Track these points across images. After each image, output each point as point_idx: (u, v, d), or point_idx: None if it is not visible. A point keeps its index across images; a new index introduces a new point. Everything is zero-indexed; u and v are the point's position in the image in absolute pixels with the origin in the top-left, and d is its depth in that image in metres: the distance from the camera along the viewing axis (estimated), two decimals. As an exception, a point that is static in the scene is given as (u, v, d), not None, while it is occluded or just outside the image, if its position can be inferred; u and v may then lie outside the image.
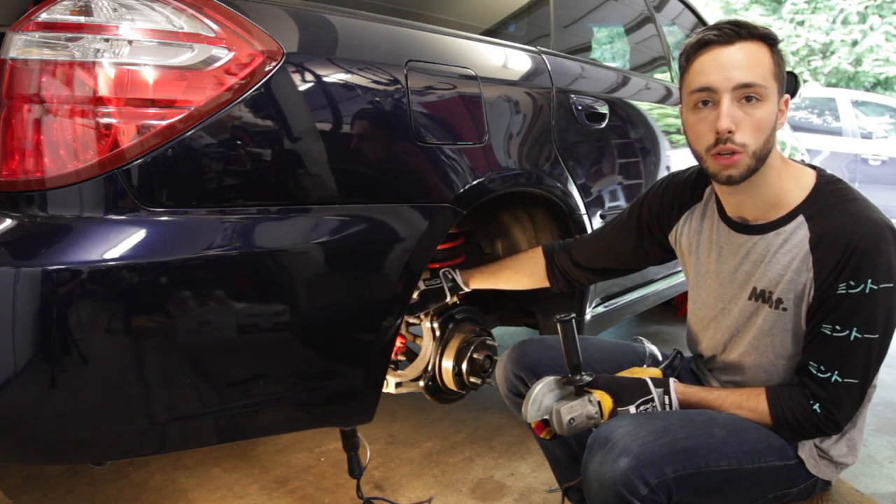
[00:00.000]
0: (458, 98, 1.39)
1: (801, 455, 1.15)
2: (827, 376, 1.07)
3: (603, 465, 1.03)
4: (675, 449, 1.05)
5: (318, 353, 1.20)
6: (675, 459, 1.04)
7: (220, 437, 1.21)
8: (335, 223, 1.17)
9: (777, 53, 1.08)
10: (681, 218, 1.32)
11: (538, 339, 1.48)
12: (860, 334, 1.04)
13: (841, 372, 1.06)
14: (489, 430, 2.17)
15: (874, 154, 6.18)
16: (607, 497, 1.02)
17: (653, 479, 1.01)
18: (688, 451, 1.06)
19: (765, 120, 1.04)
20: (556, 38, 1.88)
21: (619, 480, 1.00)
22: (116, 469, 1.82)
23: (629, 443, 1.03)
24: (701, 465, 1.06)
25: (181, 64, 1.02)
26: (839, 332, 1.05)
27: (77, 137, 0.97)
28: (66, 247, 0.97)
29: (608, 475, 1.02)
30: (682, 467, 1.04)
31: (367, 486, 1.80)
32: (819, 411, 1.08)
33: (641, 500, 1.01)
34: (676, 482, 1.04)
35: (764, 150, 1.06)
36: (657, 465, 1.02)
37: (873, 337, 1.05)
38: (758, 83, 1.03)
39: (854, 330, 1.04)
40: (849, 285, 1.03)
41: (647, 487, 1.01)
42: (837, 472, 1.20)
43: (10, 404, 0.98)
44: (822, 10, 13.04)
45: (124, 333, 1.01)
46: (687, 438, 1.07)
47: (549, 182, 1.63)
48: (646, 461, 1.02)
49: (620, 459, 1.01)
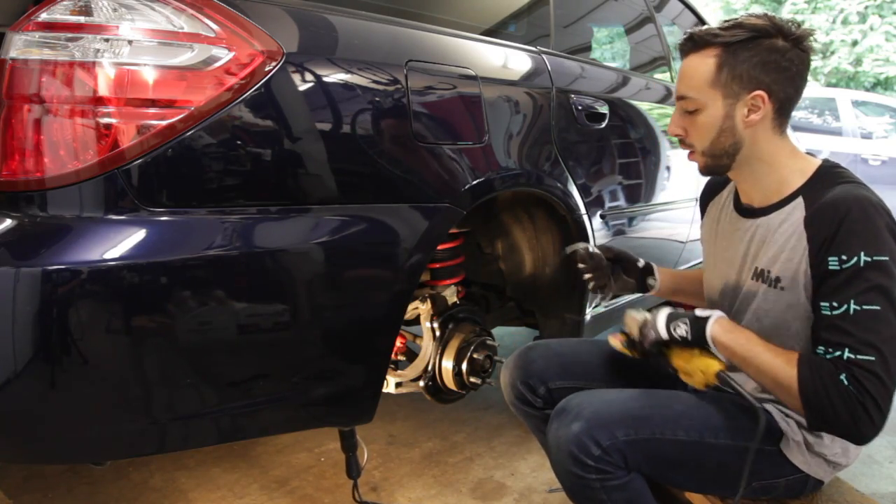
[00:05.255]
0: (458, 98, 1.39)
1: (783, 448, 1.15)
2: (838, 355, 1.00)
3: (559, 430, 1.12)
4: (627, 415, 1.11)
5: (318, 354, 1.21)
6: (627, 424, 1.10)
7: (220, 437, 1.21)
8: (335, 223, 1.17)
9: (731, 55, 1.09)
10: (707, 209, 1.40)
11: (542, 344, 1.47)
12: (858, 306, 1.00)
13: (851, 348, 0.99)
14: (489, 430, 2.17)
15: (874, 154, 6.18)
16: (563, 459, 1.10)
17: (604, 440, 1.08)
18: (641, 418, 1.12)
19: (704, 125, 1.14)
20: (556, 38, 1.88)
21: (571, 441, 1.09)
22: (116, 469, 1.82)
23: (582, 409, 1.12)
24: (655, 432, 1.11)
25: (181, 64, 1.02)
26: (836, 310, 1.02)
27: (77, 137, 0.97)
28: (66, 247, 0.97)
29: (563, 438, 1.10)
30: (633, 432, 1.10)
31: (366, 486, 1.80)
32: (847, 384, 0.98)
33: (595, 459, 1.08)
34: (628, 445, 1.09)
35: (717, 149, 1.15)
36: (608, 429, 1.09)
37: (875, 308, 0.99)
38: (688, 95, 1.14)
39: (851, 303, 1.01)
40: (841, 260, 1.02)
41: (598, 448, 1.08)
42: (831, 471, 1.18)
43: (10, 404, 0.98)
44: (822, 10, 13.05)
45: (124, 333, 1.01)
46: (642, 408, 1.14)
47: (549, 182, 1.63)
48: (596, 424, 1.09)
49: (573, 423, 1.10)
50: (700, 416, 1.15)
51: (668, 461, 1.13)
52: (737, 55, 1.10)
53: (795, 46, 1.10)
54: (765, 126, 1.12)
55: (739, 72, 1.10)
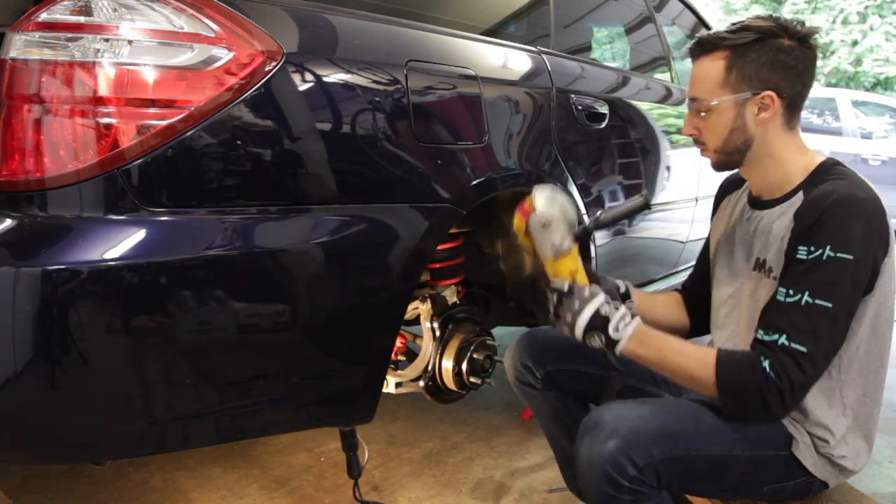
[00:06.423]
0: (458, 98, 1.39)
1: (794, 450, 1.15)
2: (774, 338, 1.05)
3: (592, 447, 1.06)
4: (662, 432, 1.08)
5: (318, 353, 1.20)
6: (663, 442, 1.07)
7: (220, 437, 1.21)
8: (335, 223, 1.17)
9: (739, 56, 1.13)
10: (721, 203, 1.41)
11: (547, 328, 1.50)
12: (811, 299, 1.03)
13: (789, 336, 1.04)
14: (489, 430, 2.17)
15: (874, 154, 6.18)
16: (597, 478, 1.05)
17: (640, 460, 1.04)
18: (676, 434, 1.09)
19: (715, 125, 1.17)
20: (556, 38, 1.88)
21: (607, 461, 1.04)
22: (116, 469, 1.82)
23: (617, 425, 1.07)
24: (689, 448, 1.09)
25: (181, 64, 1.02)
26: (791, 297, 1.05)
27: (77, 137, 0.97)
28: (66, 247, 0.97)
29: (597, 457, 1.05)
30: (669, 450, 1.07)
31: (366, 486, 1.80)
32: (768, 370, 1.03)
33: (630, 480, 1.04)
34: (664, 464, 1.06)
35: (729, 146, 1.18)
36: (644, 447, 1.05)
37: (825, 305, 1.03)
38: (700, 97, 1.18)
39: (805, 294, 1.04)
40: (809, 250, 1.05)
41: (634, 468, 1.04)
42: (837, 474, 1.18)
43: (10, 404, 0.98)
44: (822, 10, 13.04)
45: (124, 333, 1.01)
46: (675, 422, 1.10)
47: (549, 182, 1.63)
48: (633, 442, 1.05)
49: (609, 441, 1.05)
50: (728, 427, 1.12)
51: (697, 475, 1.12)
52: (745, 56, 1.13)
53: (801, 45, 1.13)
54: (775, 123, 1.16)
55: (748, 72, 1.13)
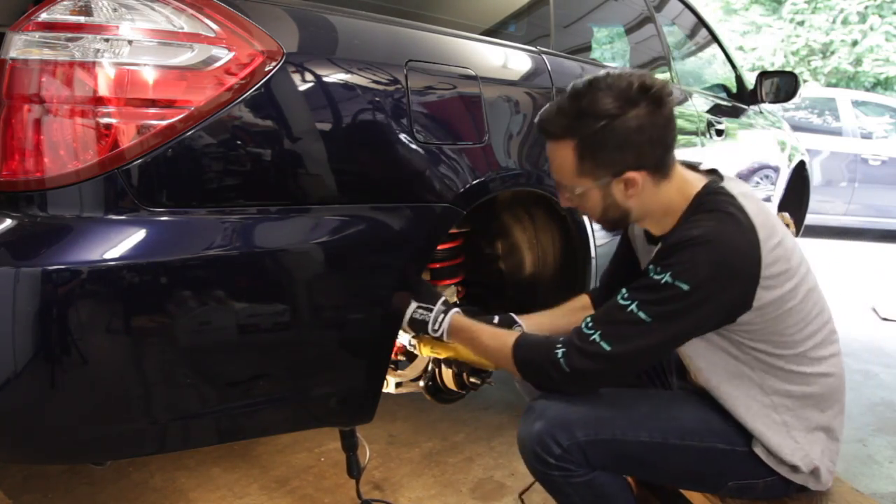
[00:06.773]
0: (458, 98, 1.39)
1: (753, 447, 1.16)
2: (589, 332, 1.10)
3: (523, 429, 1.17)
4: (588, 416, 1.15)
5: (317, 354, 1.21)
6: (587, 425, 1.14)
7: (220, 437, 1.21)
8: (335, 223, 1.17)
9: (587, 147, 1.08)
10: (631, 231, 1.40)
11: None
12: (638, 310, 1.07)
13: (603, 334, 1.09)
14: (489, 430, 2.17)
15: (874, 154, 6.17)
16: (528, 456, 1.16)
17: (564, 440, 1.13)
18: (603, 419, 1.15)
19: (587, 205, 1.17)
20: (556, 38, 1.89)
21: (534, 440, 1.14)
22: (116, 469, 1.82)
23: (545, 409, 1.16)
24: (616, 433, 1.14)
25: (181, 64, 1.02)
26: (624, 300, 1.10)
27: (77, 137, 0.97)
28: (66, 247, 0.97)
29: (526, 437, 1.15)
30: (593, 432, 1.14)
31: (366, 486, 1.80)
32: (558, 355, 1.11)
33: (556, 458, 1.13)
34: (589, 445, 1.13)
35: (608, 218, 1.18)
36: (568, 429, 1.13)
37: (647, 320, 1.06)
38: (564, 184, 1.17)
39: (635, 303, 1.07)
40: (655, 269, 1.08)
41: (559, 448, 1.12)
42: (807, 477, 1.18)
43: (10, 404, 0.98)
44: (822, 10, 13.03)
45: (124, 333, 1.01)
46: (606, 409, 1.17)
47: (550, 182, 1.62)
48: (556, 424, 1.14)
49: (536, 423, 1.15)
50: (667, 417, 1.18)
51: (633, 460, 1.17)
52: (593, 146, 1.09)
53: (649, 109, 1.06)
54: (647, 189, 1.12)
55: (601, 160, 1.10)
